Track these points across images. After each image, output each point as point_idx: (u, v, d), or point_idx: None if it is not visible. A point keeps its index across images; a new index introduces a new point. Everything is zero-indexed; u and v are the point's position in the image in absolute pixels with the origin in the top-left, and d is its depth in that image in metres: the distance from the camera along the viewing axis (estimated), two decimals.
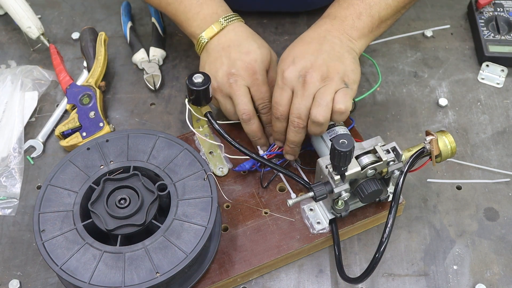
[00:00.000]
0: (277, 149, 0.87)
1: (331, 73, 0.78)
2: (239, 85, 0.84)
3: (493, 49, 1.04)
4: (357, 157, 0.76)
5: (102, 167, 0.79)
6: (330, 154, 0.72)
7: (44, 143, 0.97)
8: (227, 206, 0.85)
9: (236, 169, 0.88)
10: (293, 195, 0.86)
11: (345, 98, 0.77)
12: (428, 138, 0.79)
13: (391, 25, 0.88)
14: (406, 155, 0.78)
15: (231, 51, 0.85)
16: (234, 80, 0.84)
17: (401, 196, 0.80)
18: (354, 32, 0.82)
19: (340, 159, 0.70)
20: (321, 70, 0.77)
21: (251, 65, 0.84)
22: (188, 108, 0.83)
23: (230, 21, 0.87)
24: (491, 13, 1.09)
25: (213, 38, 0.87)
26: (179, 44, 1.08)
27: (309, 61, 0.78)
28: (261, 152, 0.88)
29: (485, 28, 1.07)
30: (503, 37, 1.06)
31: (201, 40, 0.87)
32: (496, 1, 1.11)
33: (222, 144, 0.89)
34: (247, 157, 0.84)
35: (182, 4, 0.89)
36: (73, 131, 0.94)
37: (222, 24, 0.87)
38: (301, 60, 0.79)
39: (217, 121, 0.84)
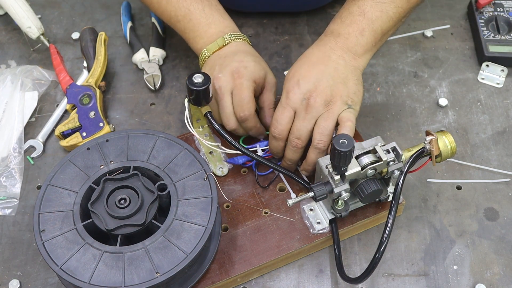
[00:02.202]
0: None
1: (334, 97, 0.79)
2: (223, 92, 0.84)
3: (493, 49, 1.04)
4: (357, 157, 0.76)
5: (102, 167, 0.79)
6: (330, 154, 0.72)
7: (44, 143, 0.97)
8: (227, 206, 0.85)
9: (228, 160, 0.87)
10: (293, 195, 0.86)
11: (350, 116, 0.79)
12: (428, 138, 0.79)
13: (392, 34, 0.89)
14: (406, 155, 0.78)
15: (226, 60, 0.86)
16: (218, 86, 0.84)
17: (401, 196, 0.80)
18: (358, 49, 0.83)
19: (340, 159, 0.70)
20: (324, 94, 0.79)
21: (238, 70, 0.84)
22: (187, 108, 0.84)
23: (235, 38, 0.89)
24: (491, 13, 1.09)
25: (215, 52, 0.89)
26: (179, 44, 1.08)
27: (313, 84, 0.80)
28: (260, 151, 0.88)
29: (485, 28, 1.07)
30: (503, 37, 1.06)
31: (204, 54, 0.90)
32: (496, 1, 1.11)
33: (219, 144, 0.88)
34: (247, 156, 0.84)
35: (191, 22, 0.91)
36: (73, 131, 0.94)
37: (225, 40, 0.89)
38: (306, 82, 0.80)
39: (217, 121, 0.84)
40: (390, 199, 0.82)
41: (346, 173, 0.75)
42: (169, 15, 0.93)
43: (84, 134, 0.94)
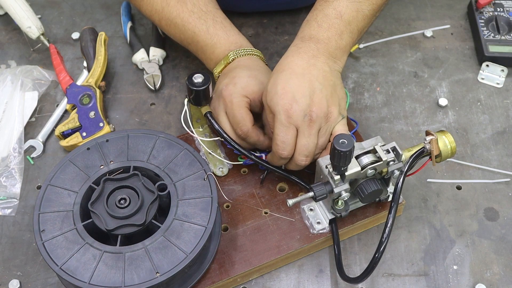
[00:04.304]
0: None
1: (330, 108, 0.79)
2: (218, 113, 0.84)
3: (493, 49, 1.04)
4: (357, 157, 0.76)
5: (102, 167, 0.79)
6: (330, 154, 0.72)
7: (44, 143, 0.97)
8: (227, 206, 0.85)
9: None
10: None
11: (345, 129, 0.80)
12: (428, 138, 0.79)
13: (369, 26, 0.89)
14: (406, 155, 0.78)
15: (221, 78, 0.86)
16: (213, 107, 0.85)
17: (401, 196, 0.80)
18: (338, 52, 0.82)
19: (340, 159, 0.70)
20: (322, 107, 0.77)
21: (228, 89, 0.82)
22: (186, 109, 0.84)
23: (239, 55, 0.88)
24: (491, 13, 1.09)
25: (221, 71, 0.89)
26: (179, 44, 1.08)
27: (310, 98, 0.77)
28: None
29: (485, 28, 1.07)
30: (503, 37, 1.06)
31: (215, 75, 0.90)
32: (496, 1, 1.11)
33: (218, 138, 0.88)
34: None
35: (199, 45, 0.92)
36: (73, 131, 0.94)
37: (229, 57, 0.88)
38: (302, 97, 0.77)
39: (217, 121, 0.84)
40: (390, 199, 0.82)
41: (346, 173, 0.75)
42: (179, 38, 0.94)
43: (84, 134, 0.94)
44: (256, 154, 0.85)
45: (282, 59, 0.81)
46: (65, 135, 0.94)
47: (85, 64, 1.03)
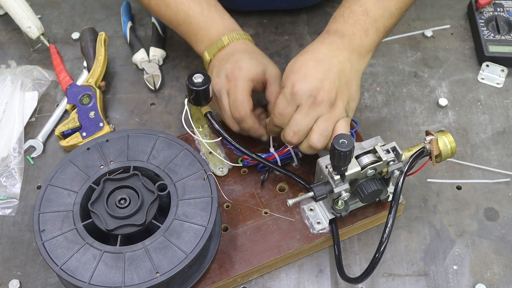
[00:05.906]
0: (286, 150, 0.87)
1: (338, 100, 0.78)
2: (221, 95, 0.84)
3: (493, 49, 1.04)
4: (357, 157, 0.76)
5: (102, 167, 0.79)
6: (330, 154, 0.72)
7: (44, 143, 0.97)
8: (227, 206, 0.85)
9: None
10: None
11: (346, 130, 0.79)
12: (428, 138, 0.79)
13: (392, 32, 0.88)
14: (406, 155, 0.78)
15: (222, 63, 0.86)
16: (216, 90, 0.85)
17: (401, 196, 0.80)
18: (362, 50, 0.82)
19: (340, 159, 0.70)
20: (330, 94, 0.77)
21: (232, 71, 0.83)
22: (186, 109, 0.84)
23: (234, 39, 0.88)
24: (491, 13, 1.09)
25: (215, 55, 0.88)
26: (179, 44, 1.08)
27: (321, 82, 0.77)
28: (271, 150, 0.87)
29: (485, 28, 1.07)
30: (503, 37, 1.06)
31: (205, 58, 0.90)
32: (496, 1, 1.11)
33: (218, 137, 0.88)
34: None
35: (191, 26, 0.91)
36: (73, 131, 0.94)
37: (224, 41, 0.88)
38: (313, 79, 0.77)
39: (217, 121, 0.84)
40: (390, 199, 0.82)
41: (346, 173, 0.75)
42: (169, 19, 0.93)
43: (84, 134, 0.94)
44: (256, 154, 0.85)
45: (306, 47, 0.82)
46: (65, 135, 0.94)
47: (85, 64, 1.03)
